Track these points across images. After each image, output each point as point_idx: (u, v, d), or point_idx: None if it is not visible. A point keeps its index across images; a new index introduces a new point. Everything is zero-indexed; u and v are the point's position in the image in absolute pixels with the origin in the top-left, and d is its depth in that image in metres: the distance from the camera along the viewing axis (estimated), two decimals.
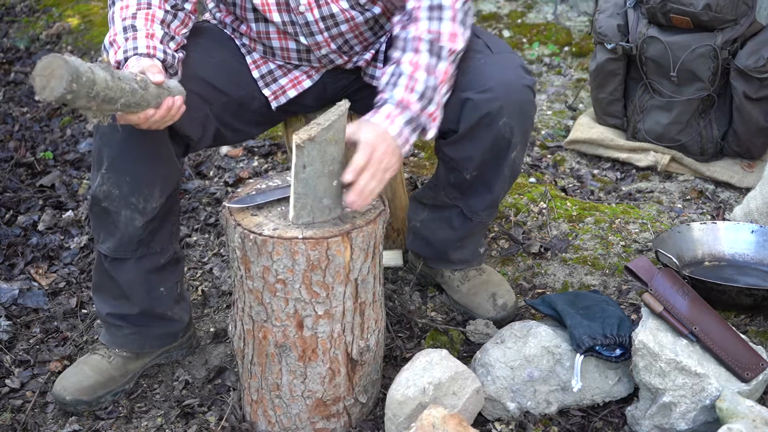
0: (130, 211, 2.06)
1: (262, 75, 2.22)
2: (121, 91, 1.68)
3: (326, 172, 1.84)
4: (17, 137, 3.58)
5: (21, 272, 2.76)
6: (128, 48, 1.89)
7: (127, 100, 1.71)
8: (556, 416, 2.06)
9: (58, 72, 1.56)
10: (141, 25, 1.94)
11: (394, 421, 1.94)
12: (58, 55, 1.57)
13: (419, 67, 1.92)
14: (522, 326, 2.11)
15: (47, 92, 1.57)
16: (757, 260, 2.41)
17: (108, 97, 1.65)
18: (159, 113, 1.81)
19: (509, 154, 2.12)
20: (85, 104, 1.62)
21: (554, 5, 4.36)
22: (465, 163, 2.14)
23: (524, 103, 2.08)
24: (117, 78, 1.67)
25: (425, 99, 1.91)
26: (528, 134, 2.15)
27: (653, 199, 2.92)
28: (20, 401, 2.26)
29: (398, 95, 1.91)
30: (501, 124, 2.05)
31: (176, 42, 2.01)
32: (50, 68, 1.56)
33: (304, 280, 1.86)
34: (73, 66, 1.57)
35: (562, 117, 3.48)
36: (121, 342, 2.24)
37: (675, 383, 1.89)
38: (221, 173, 3.24)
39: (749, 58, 2.84)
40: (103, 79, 1.63)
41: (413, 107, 1.90)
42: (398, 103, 1.90)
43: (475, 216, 2.26)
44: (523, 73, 2.08)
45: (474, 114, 2.04)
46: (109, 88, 1.64)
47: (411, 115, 1.90)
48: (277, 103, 2.24)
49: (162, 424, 2.17)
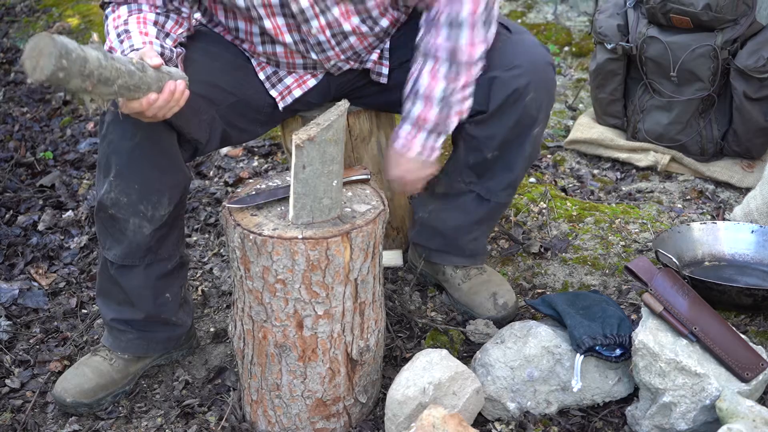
0: (138, 219, 2.05)
1: (267, 76, 2.21)
2: (117, 71, 1.63)
3: (326, 172, 1.84)
4: (17, 137, 3.58)
5: (21, 272, 2.76)
6: (125, 48, 1.89)
7: (124, 82, 1.65)
8: (556, 416, 2.06)
9: (46, 50, 1.50)
10: (133, 27, 1.93)
11: (394, 421, 1.94)
12: (44, 34, 1.51)
13: (437, 78, 2.02)
14: (522, 326, 2.10)
15: (38, 72, 1.51)
16: (757, 260, 2.41)
17: (103, 77, 1.59)
18: (162, 97, 1.77)
19: (532, 131, 2.15)
20: (81, 84, 1.56)
21: (554, 5, 4.35)
22: (488, 142, 2.16)
23: (549, 80, 2.14)
24: (111, 58, 1.61)
25: (445, 107, 2.04)
26: (550, 111, 2.19)
27: (653, 199, 2.92)
28: (20, 401, 2.26)
29: (416, 112, 2.05)
30: (528, 100, 2.09)
31: (172, 39, 2.00)
32: (38, 48, 1.50)
33: (303, 280, 1.86)
34: (61, 42, 1.51)
35: (562, 117, 3.48)
36: (125, 346, 2.23)
37: (675, 383, 1.89)
38: (221, 173, 3.24)
39: (749, 58, 2.83)
40: (96, 58, 1.57)
41: (431, 118, 2.04)
42: (416, 122, 2.06)
43: (493, 197, 2.26)
44: (544, 51, 2.14)
45: (503, 91, 2.08)
46: (102, 67, 1.58)
47: (430, 128, 2.06)
48: (284, 104, 2.23)
49: (162, 424, 2.17)
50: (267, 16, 2.04)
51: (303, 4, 2.00)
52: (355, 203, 1.98)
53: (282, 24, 2.06)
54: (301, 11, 2.02)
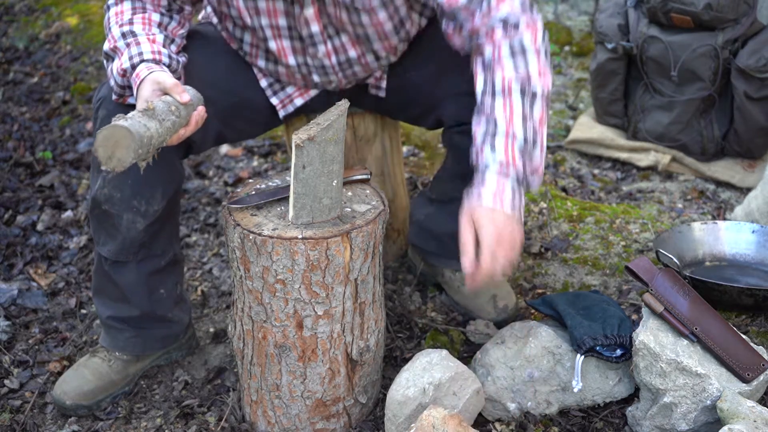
0: (131, 215, 2.05)
1: (270, 83, 2.20)
2: (167, 131, 1.75)
3: (326, 172, 1.84)
4: (16, 137, 3.57)
5: (20, 272, 2.75)
6: (133, 54, 1.89)
7: (170, 135, 1.78)
8: (557, 417, 2.06)
9: (123, 142, 1.63)
10: (139, 29, 1.93)
11: (394, 422, 1.93)
12: (118, 125, 1.63)
13: (514, 116, 1.80)
14: (522, 326, 2.10)
15: (114, 162, 1.64)
16: (758, 260, 2.41)
17: (159, 142, 1.72)
18: (189, 130, 1.85)
19: None
20: (145, 156, 1.70)
21: (554, 5, 4.35)
22: None
23: None
24: (161, 120, 1.73)
25: (527, 151, 1.80)
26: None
27: (654, 199, 2.92)
28: (19, 402, 2.26)
29: (500, 157, 1.78)
30: None
31: (176, 45, 2.01)
32: (113, 139, 1.62)
33: (303, 280, 1.86)
34: (136, 133, 1.63)
35: (562, 117, 3.48)
36: (122, 345, 2.23)
37: (676, 384, 1.89)
38: (221, 173, 3.23)
39: (750, 58, 2.83)
40: (155, 130, 1.70)
41: (517, 165, 1.79)
42: (501, 168, 1.78)
43: None
44: None
45: None
46: (159, 135, 1.71)
47: (516, 176, 1.79)
48: (285, 112, 2.22)
49: (161, 424, 2.16)
50: (273, 38, 2.03)
51: (314, 28, 1.99)
52: (355, 203, 1.98)
53: (288, 46, 2.05)
54: (310, 35, 2.01)
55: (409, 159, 3.12)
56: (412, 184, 2.95)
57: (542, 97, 1.84)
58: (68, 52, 4.30)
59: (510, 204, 1.77)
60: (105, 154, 1.63)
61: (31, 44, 4.50)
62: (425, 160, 3.13)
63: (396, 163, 2.53)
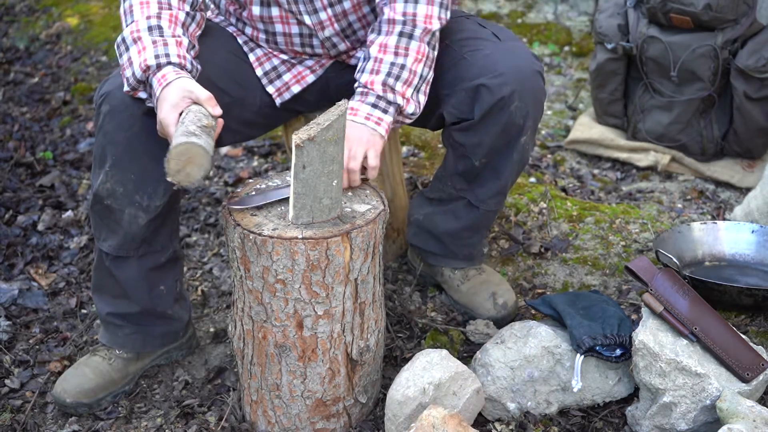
0: (134, 209, 2.05)
1: (266, 72, 2.21)
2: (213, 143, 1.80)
3: (326, 172, 1.84)
4: (17, 137, 3.57)
5: (21, 272, 2.75)
6: (159, 53, 1.89)
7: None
8: (557, 416, 2.06)
9: (198, 160, 1.67)
10: (166, 26, 1.95)
11: (394, 422, 1.94)
12: (196, 144, 1.66)
13: (387, 50, 2.02)
14: (522, 326, 2.10)
15: (182, 176, 1.69)
16: (758, 260, 2.41)
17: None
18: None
19: (519, 139, 2.15)
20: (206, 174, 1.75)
21: (554, 5, 4.35)
22: (475, 150, 2.16)
23: (535, 89, 2.12)
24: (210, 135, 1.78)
25: (391, 78, 2.01)
26: (538, 119, 2.18)
27: (653, 199, 2.92)
28: (20, 401, 2.26)
29: (363, 80, 2.03)
30: (513, 108, 2.08)
31: (195, 50, 2.02)
32: (188, 155, 1.66)
33: (303, 280, 1.86)
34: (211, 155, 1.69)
35: (562, 117, 3.48)
36: (122, 342, 2.24)
37: (675, 383, 1.89)
38: (221, 173, 3.24)
39: (750, 58, 2.83)
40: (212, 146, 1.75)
41: (376, 88, 2.01)
42: (362, 89, 2.02)
43: (482, 204, 2.27)
44: (533, 59, 2.13)
45: (489, 99, 2.08)
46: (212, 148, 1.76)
47: (375, 96, 2.01)
48: (281, 100, 2.23)
49: (162, 424, 2.16)
50: None
51: None
52: (355, 203, 1.98)
53: None
54: None
55: (409, 159, 3.12)
56: (412, 184, 2.95)
57: (421, 37, 2.03)
58: (69, 52, 4.30)
59: (363, 116, 2.01)
60: (176, 167, 1.68)
61: (32, 44, 4.50)
62: (425, 160, 3.13)
63: (395, 163, 2.53)
